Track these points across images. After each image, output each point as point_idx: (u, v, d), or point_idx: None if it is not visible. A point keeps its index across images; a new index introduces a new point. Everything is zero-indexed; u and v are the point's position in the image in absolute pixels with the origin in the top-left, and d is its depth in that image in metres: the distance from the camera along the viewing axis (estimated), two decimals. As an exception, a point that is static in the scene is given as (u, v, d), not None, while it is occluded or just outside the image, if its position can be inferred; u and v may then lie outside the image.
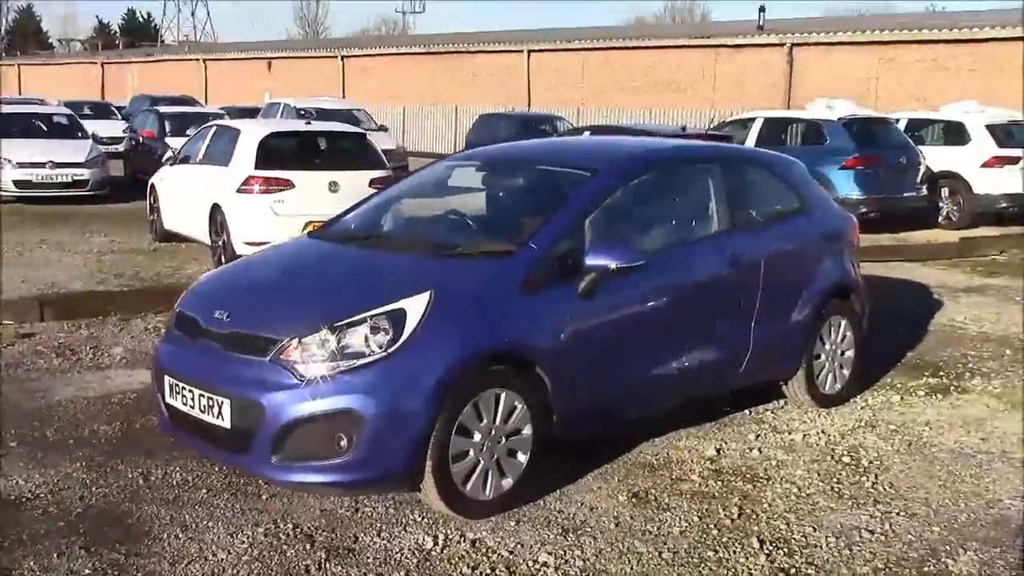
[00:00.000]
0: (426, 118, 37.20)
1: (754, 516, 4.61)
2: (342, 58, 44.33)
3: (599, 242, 4.78)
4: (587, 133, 13.46)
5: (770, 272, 5.71)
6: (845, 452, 5.49)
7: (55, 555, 4.03)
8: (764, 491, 4.91)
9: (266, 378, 4.22)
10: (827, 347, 6.21)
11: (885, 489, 4.97)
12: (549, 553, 4.17)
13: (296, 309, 4.44)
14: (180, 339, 4.74)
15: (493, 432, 4.43)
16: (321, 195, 9.87)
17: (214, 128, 11.31)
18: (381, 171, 10.41)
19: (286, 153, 10.35)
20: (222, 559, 4.04)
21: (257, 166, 10.01)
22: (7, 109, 18.73)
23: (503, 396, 4.44)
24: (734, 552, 4.23)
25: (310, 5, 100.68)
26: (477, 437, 4.38)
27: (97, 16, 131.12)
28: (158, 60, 54.70)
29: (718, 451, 5.44)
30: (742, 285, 5.57)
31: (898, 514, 4.67)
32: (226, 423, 4.30)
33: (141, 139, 18.63)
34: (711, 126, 16.86)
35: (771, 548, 4.28)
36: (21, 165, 15.75)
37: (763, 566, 4.11)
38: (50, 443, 5.31)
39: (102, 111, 28.08)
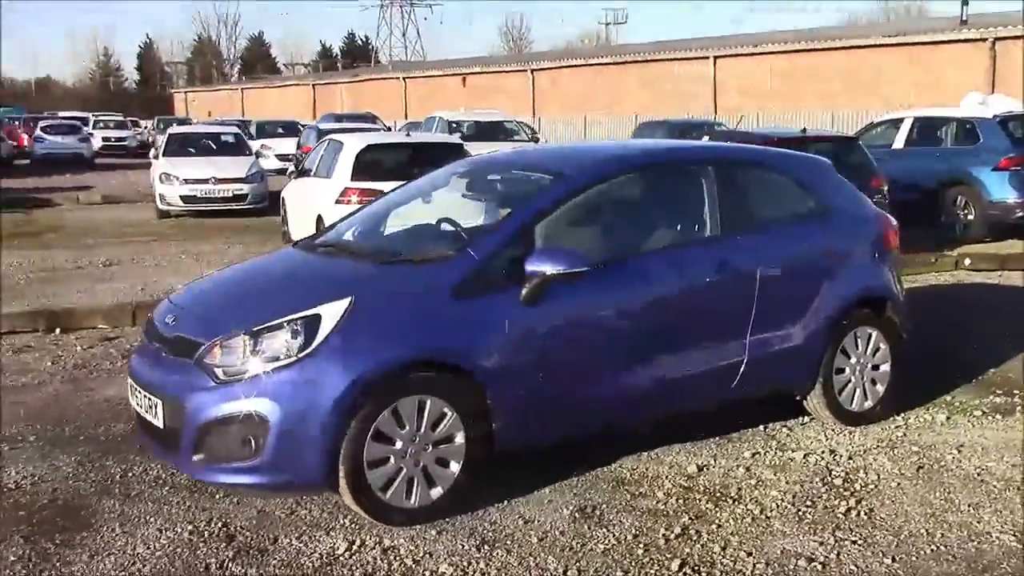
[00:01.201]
0: (606, 128, 37.15)
1: (692, 537, 4.35)
2: (531, 71, 45.01)
3: (541, 248, 4.65)
4: (706, 138, 13.08)
5: (770, 279, 5.38)
6: (842, 474, 5.09)
7: (-5, 542, 4.30)
8: (722, 512, 4.63)
9: (189, 380, 4.37)
10: (852, 360, 5.78)
11: (858, 516, 4.58)
12: (452, 565, 4.10)
13: (231, 314, 4.57)
14: (143, 344, 4.97)
15: (417, 440, 4.39)
16: (415, 206, 10.03)
17: (327, 142, 11.76)
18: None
19: (383, 165, 10.62)
20: (139, 554, 4.20)
21: (353, 177, 10.33)
22: (180, 130, 20.14)
23: (428, 403, 4.39)
24: (645, 574, 4.01)
25: (514, 20, 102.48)
26: (399, 444, 4.36)
27: (320, 40, 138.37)
28: (362, 80, 57.22)
29: (700, 468, 5.17)
30: (734, 293, 5.27)
31: (854, 543, 4.29)
32: (160, 423, 4.48)
33: (301, 154, 19.56)
34: (860, 128, 15.97)
35: (688, 572, 4.03)
36: (187, 181, 16.88)
37: (665, 590, 3.88)
38: (63, 439, 5.67)
39: (291, 129, 29.66)
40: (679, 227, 5.40)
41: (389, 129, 28.03)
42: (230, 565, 4.10)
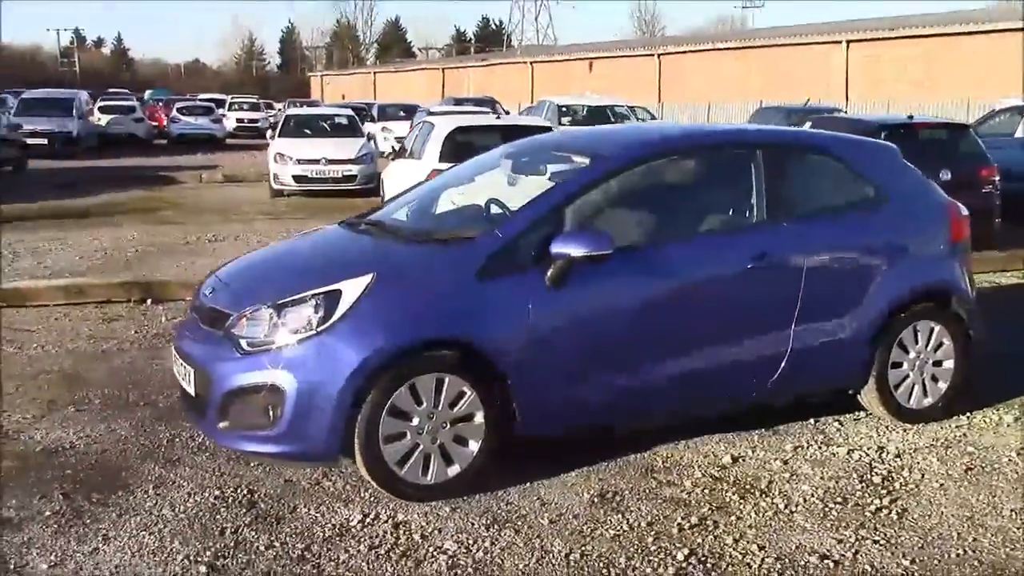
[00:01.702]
0: (729, 114, 36.45)
1: (708, 528, 4.27)
2: (658, 56, 44.52)
3: (568, 230, 4.61)
4: (808, 124, 12.66)
5: (819, 269, 5.20)
6: (884, 472, 4.90)
7: (37, 496, 4.54)
8: (746, 504, 4.52)
9: (217, 350, 4.52)
10: (911, 355, 5.54)
11: (888, 515, 4.40)
12: (457, 542, 4.12)
13: (262, 287, 4.68)
14: (187, 315, 5.15)
15: (435, 417, 4.43)
16: (500, 188, 10.07)
17: (421, 124, 11.89)
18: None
19: (472, 146, 10.65)
20: (163, 515, 4.37)
21: (441, 159, 10.42)
22: (296, 112, 20.68)
23: (447, 381, 4.42)
24: (647, 562, 3.96)
25: (646, 5, 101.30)
26: (415, 420, 4.40)
27: (455, 25, 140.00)
28: (490, 65, 57.62)
29: (736, 459, 5.06)
30: (777, 282, 5.11)
31: (876, 542, 4.13)
32: (192, 390, 4.64)
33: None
34: (981, 116, 15.20)
35: (694, 562, 3.95)
36: (300, 161, 17.34)
37: (663, 579, 3.82)
38: (125, 403, 5.92)
39: (411, 112, 30.08)
40: (719, 213, 5.26)
41: (507, 113, 28.14)
42: (244, 530, 4.22)
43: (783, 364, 5.16)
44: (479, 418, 4.51)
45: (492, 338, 4.48)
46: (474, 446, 4.53)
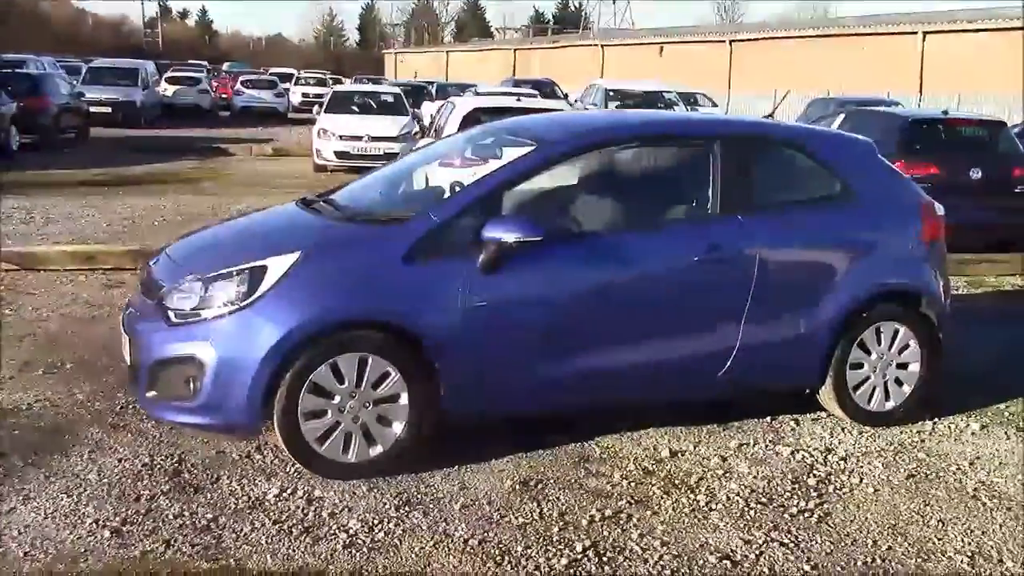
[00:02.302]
0: (797, 104, 35.75)
1: (618, 522, 4.22)
2: (729, 42, 43.87)
3: (500, 216, 4.58)
4: (841, 116, 12.38)
5: (773, 264, 5.09)
6: (822, 474, 4.80)
7: (-24, 456, 4.67)
8: (667, 500, 4.46)
9: (149, 320, 4.59)
10: (873, 357, 5.40)
11: (808, 519, 4.31)
12: (362, 521, 4.14)
13: (199, 260, 4.74)
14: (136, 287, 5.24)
15: (357, 396, 4.44)
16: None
17: (445, 103, 11.90)
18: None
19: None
20: (87, 479, 4.45)
21: (459, 139, 10.37)
22: (343, 89, 20.84)
23: (370, 361, 4.43)
24: (543, 552, 3.93)
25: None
26: (337, 399, 4.42)
27: (534, 6, 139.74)
28: (561, 47, 57.34)
29: (675, 453, 4.99)
30: (725, 277, 5.02)
31: (783, 544, 4.05)
32: (128, 359, 4.73)
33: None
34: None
35: (591, 555, 3.92)
36: (342, 137, 17.49)
37: (553, 570, 3.79)
38: (95, 369, 6.02)
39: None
40: (670, 204, 5.18)
41: (565, 97, 28.00)
42: (160, 498, 4.29)
43: (732, 359, 5.06)
44: (404, 400, 4.51)
45: (418, 321, 4.47)
46: (398, 427, 4.53)
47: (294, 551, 3.88)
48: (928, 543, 4.11)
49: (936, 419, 5.62)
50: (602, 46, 53.09)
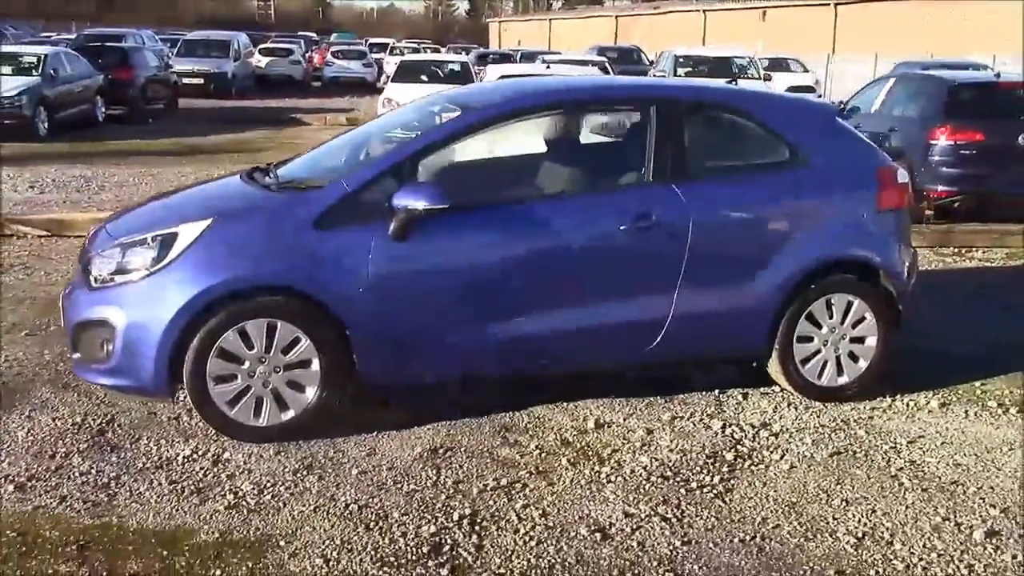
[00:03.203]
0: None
1: (509, 492, 4.21)
2: (835, 6, 42.52)
3: (409, 183, 4.58)
4: (892, 80, 11.87)
5: (709, 233, 4.96)
6: (744, 450, 4.69)
7: (-73, 411, 4.92)
8: (570, 471, 4.42)
9: (75, 285, 4.76)
10: (823, 330, 5.22)
11: (704, 494, 4.21)
12: (254, 483, 4.23)
13: (126, 228, 4.87)
14: None
15: (266, 361, 4.52)
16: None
17: (481, 72, 11.85)
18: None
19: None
20: (16, 436, 4.66)
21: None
22: (411, 58, 20.94)
23: (279, 327, 4.50)
24: (417, 519, 3.95)
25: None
26: (246, 364, 4.51)
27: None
28: (663, 13, 56.40)
29: (600, 424, 4.94)
30: (655, 246, 4.90)
31: (666, 519, 3.98)
32: (62, 323, 4.91)
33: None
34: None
35: (464, 524, 3.92)
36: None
37: (419, 536, 3.81)
38: (76, 331, 6.27)
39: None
40: (599, 171, 5.09)
41: (651, 64, 27.62)
42: (74, 456, 4.46)
43: (665, 329, 4.96)
44: (315, 366, 4.57)
45: (327, 287, 4.51)
46: (311, 392, 4.60)
47: (178, 510, 3.99)
48: (820, 523, 3.98)
49: (898, 395, 5.40)
50: (704, 11, 52.02)
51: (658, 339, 4.98)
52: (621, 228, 4.83)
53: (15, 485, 4.17)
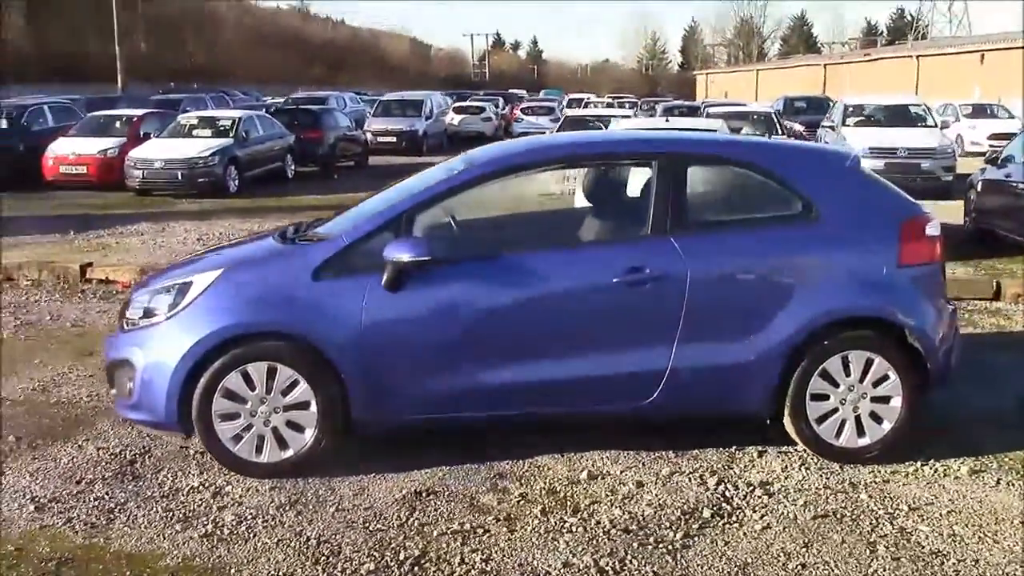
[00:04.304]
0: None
1: (466, 536, 4.32)
2: (1060, 48, 39.85)
3: (401, 236, 4.82)
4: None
5: (710, 287, 4.92)
6: (727, 509, 4.59)
7: (-1, 437, 5.56)
8: (535, 520, 4.46)
9: (116, 326, 5.27)
10: (840, 388, 5.04)
11: (654, 550, 4.17)
12: (235, 515, 4.53)
13: (166, 276, 5.34)
14: None
15: (267, 402, 4.86)
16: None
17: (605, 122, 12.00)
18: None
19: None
20: (59, 462, 5.18)
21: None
22: (575, 112, 21.24)
23: (279, 370, 4.83)
24: (364, 556, 4.13)
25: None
26: (249, 404, 4.86)
27: (866, 17, 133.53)
28: (872, 60, 54.61)
29: (593, 476, 4.96)
30: (652, 299, 4.89)
31: (600, 572, 3.99)
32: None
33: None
34: None
35: (408, 565, 4.07)
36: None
37: (357, 572, 3.99)
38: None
39: (695, 111, 29.31)
40: (597, 224, 5.14)
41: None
42: (97, 483, 4.92)
43: (663, 382, 4.95)
44: (313, 407, 4.86)
45: (323, 333, 4.79)
46: (309, 433, 4.88)
47: (158, 536, 4.34)
48: (761, 585, 3.87)
49: (932, 460, 5.12)
50: (916, 57, 49.97)
51: (656, 392, 4.97)
52: (614, 280, 4.87)
53: (36, 505, 4.65)
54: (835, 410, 5.05)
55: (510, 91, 62.49)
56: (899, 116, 18.29)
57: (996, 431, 5.54)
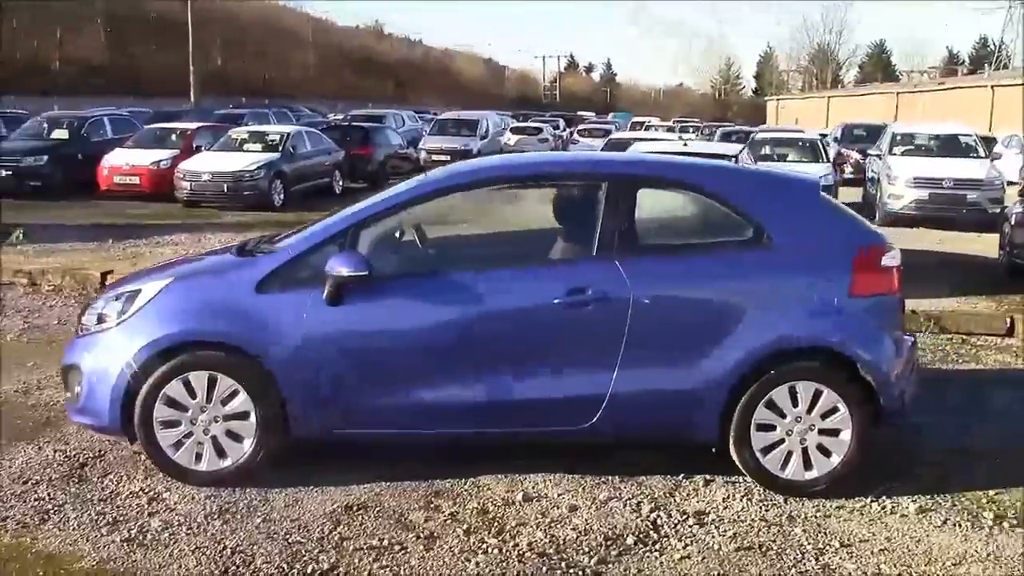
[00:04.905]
0: None
1: (380, 552, 4.32)
2: None
3: (340, 252, 4.85)
4: None
5: (654, 312, 4.86)
6: (652, 537, 4.52)
7: (-33, 436, 5.71)
8: (453, 540, 4.44)
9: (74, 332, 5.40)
10: (787, 419, 4.94)
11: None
12: (163, 522, 4.59)
13: (123, 284, 5.45)
14: None
15: (207, 411, 4.92)
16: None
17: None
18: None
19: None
20: (15, 462, 5.30)
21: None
22: (618, 135, 21.15)
23: (219, 380, 4.89)
24: (276, 568, 4.16)
25: None
26: (189, 412, 4.92)
27: (947, 46, 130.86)
28: (947, 88, 53.50)
29: (530, 498, 4.92)
30: (593, 322, 4.86)
31: (500, 595, 3.95)
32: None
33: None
34: None
35: (313, 574, 4.09)
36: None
37: (257, 584, 4.02)
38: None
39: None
40: (542, 245, 5.12)
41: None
42: (42, 484, 5.02)
43: (604, 405, 4.90)
44: (252, 418, 4.91)
45: (261, 345, 4.84)
46: (248, 443, 4.93)
47: (83, 538, 4.42)
48: (658, 616, 3.80)
49: (883, 497, 4.98)
50: (992, 87, 48.83)
51: (597, 415, 4.91)
52: (555, 301, 4.84)
53: (-19, 505, 4.76)
54: (781, 441, 4.95)
55: (578, 113, 62.65)
56: (948, 146, 17.87)
57: (963, 470, 5.36)
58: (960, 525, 4.69)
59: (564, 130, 39.98)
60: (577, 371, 4.89)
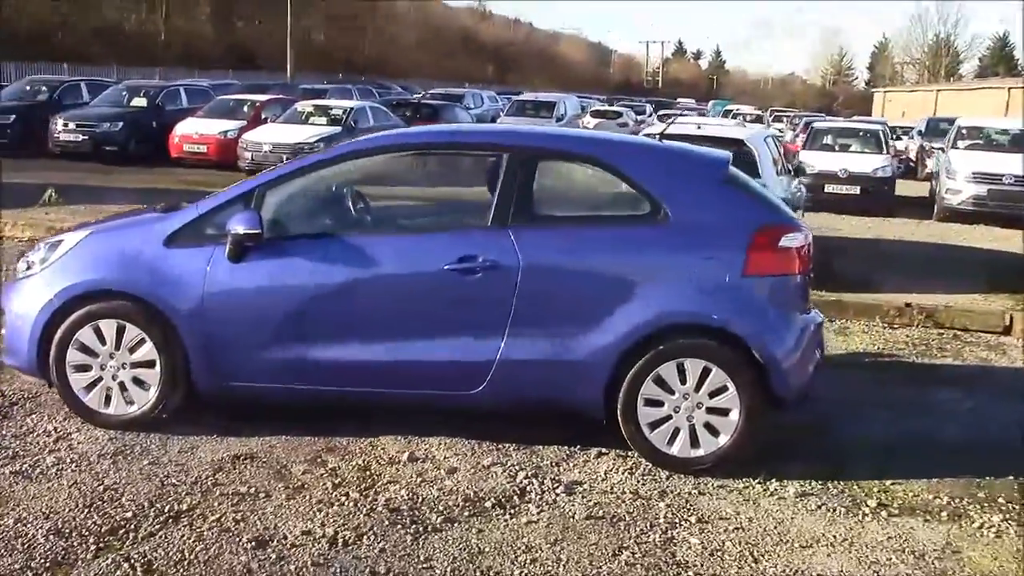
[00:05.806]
0: None
1: (238, 497, 4.48)
2: None
3: (240, 211, 5.02)
4: None
5: (543, 281, 4.91)
6: (512, 502, 4.58)
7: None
8: (318, 492, 4.58)
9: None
10: (675, 396, 4.94)
11: (402, 531, 4.23)
12: (58, 459, 4.84)
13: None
14: None
15: (115, 357, 5.16)
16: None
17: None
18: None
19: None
20: (-46, 399, 5.66)
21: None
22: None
23: (127, 328, 5.12)
24: (135, 504, 4.36)
25: None
26: (99, 358, 5.17)
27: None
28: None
29: (415, 459, 5.02)
30: (482, 290, 4.93)
31: (330, 542, 4.08)
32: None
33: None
34: None
35: (166, 514, 4.28)
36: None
37: (113, 519, 4.22)
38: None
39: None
40: (440, 212, 5.20)
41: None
42: (-24, 426, 5.33)
43: (491, 373, 4.97)
44: (157, 367, 5.13)
45: (166, 298, 5.05)
46: (153, 392, 5.16)
47: (-18, 469, 4.69)
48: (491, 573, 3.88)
49: (773, 479, 4.94)
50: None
51: (485, 382, 4.98)
52: (444, 267, 4.92)
53: None
54: (668, 417, 4.94)
55: (678, 100, 61.95)
56: (1018, 141, 17.17)
57: (868, 460, 5.26)
58: (835, 511, 4.62)
59: (650, 115, 39.62)
60: (466, 337, 4.96)
